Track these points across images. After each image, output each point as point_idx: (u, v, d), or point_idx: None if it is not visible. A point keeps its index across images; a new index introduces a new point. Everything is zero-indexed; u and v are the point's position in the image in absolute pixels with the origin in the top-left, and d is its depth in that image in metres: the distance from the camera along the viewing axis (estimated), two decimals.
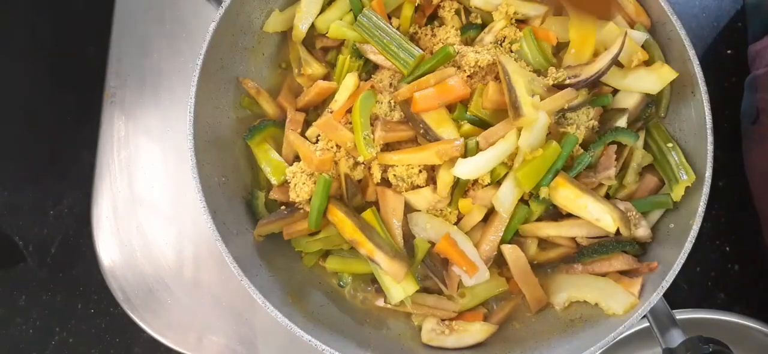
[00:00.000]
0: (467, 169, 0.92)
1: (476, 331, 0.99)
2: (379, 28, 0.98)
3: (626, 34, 0.95)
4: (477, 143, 0.93)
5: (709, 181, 0.92)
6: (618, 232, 0.95)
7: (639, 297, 0.93)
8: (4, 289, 1.31)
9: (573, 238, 1.01)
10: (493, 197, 0.95)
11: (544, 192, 0.95)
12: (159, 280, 1.24)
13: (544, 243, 1.03)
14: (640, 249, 0.99)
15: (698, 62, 0.93)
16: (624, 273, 0.98)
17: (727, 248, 1.22)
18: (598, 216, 0.94)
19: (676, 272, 0.89)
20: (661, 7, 0.95)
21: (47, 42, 1.37)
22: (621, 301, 0.93)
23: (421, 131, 0.96)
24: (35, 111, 1.37)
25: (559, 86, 0.97)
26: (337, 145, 0.99)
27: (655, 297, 0.89)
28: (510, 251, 0.99)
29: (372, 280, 1.04)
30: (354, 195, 1.00)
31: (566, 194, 0.95)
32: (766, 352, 1.09)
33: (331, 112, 0.99)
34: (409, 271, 0.96)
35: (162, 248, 1.25)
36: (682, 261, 0.90)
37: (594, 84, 0.99)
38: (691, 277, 1.21)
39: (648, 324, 0.93)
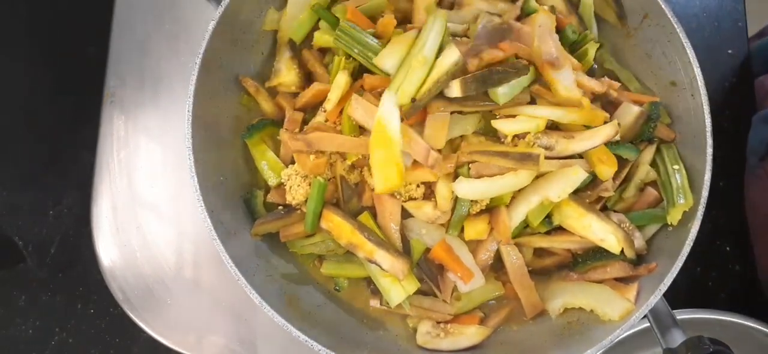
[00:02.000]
0: (467, 189, 0.91)
1: (471, 334, 0.99)
2: (357, 41, 0.95)
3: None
4: (468, 168, 0.93)
5: (709, 182, 0.92)
6: None
7: (635, 302, 0.92)
8: (4, 289, 1.31)
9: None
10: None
11: (556, 219, 0.95)
12: (159, 280, 1.24)
13: (539, 250, 1.02)
14: (634, 257, 0.98)
15: (698, 63, 0.93)
16: (620, 279, 0.97)
17: (728, 248, 1.22)
18: (603, 236, 0.93)
19: (676, 273, 0.89)
20: (661, 7, 0.95)
21: (47, 42, 1.37)
22: (617, 307, 0.92)
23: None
24: (35, 111, 1.36)
25: None
26: None
27: (655, 298, 0.89)
28: (508, 252, 0.98)
29: (368, 283, 1.03)
30: (350, 198, 0.99)
31: (570, 213, 0.95)
32: (766, 352, 1.09)
33: (325, 112, 0.98)
34: (410, 269, 0.96)
35: (162, 248, 1.25)
36: (682, 262, 0.90)
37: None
38: (691, 277, 1.21)
39: (648, 324, 0.92)
